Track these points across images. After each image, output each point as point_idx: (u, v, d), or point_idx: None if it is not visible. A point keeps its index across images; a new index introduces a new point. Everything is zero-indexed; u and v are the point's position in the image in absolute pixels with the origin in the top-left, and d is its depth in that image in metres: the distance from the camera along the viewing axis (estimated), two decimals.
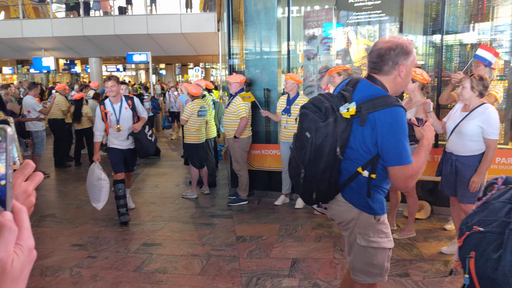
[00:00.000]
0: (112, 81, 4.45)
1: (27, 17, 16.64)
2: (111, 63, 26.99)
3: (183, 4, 16.02)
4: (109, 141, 4.68)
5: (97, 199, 4.52)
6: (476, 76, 3.26)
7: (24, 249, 0.55)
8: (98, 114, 4.59)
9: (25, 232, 0.56)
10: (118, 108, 4.57)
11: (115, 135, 4.59)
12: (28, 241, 0.56)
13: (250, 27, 5.62)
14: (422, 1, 4.90)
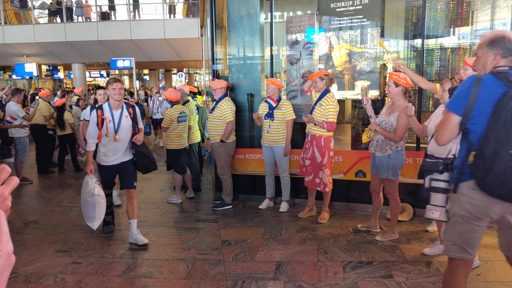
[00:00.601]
0: (120, 83, 3.97)
1: (9, 23, 16.39)
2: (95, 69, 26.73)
3: (166, 10, 16.01)
4: (99, 156, 4.13)
5: (91, 217, 4.02)
6: (456, 79, 3.33)
7: (3, 254, 0.55)
8: (93, 119, 4.06)
9: (3, 237, 0.56)
10: (118, 115, 4.03)
11: (108, 145, 4.04)
12: (6, 245, 0.56)
13: (233, 32, 5.65)
14: (403, 5, 5.01)
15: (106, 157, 4.10)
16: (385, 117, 3.95)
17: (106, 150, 4.07)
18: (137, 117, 4.14)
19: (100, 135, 4.03)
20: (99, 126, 4.01)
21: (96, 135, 4.05)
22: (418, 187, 4.65)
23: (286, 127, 4.93)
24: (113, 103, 4.02)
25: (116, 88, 3.94)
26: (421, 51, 4.72)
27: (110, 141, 4.02)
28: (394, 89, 3.85)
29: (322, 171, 4.57)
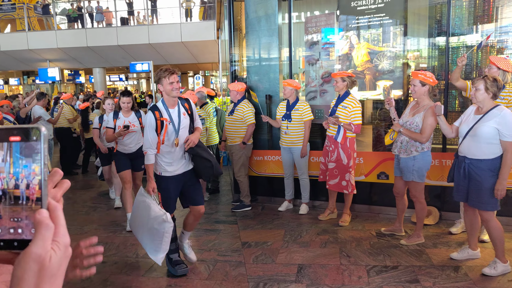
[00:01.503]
0: (176, 75, 3.22)
1: (32, 30, 16.83)
2: (114, 73, 27.19)
3: (183, 14, 16.15)
4: (159, 165, 3.37)
5: (157, 249, 3.13)
6: (490, 77, 3.20)
7: (61, 246, 0.56)
8: (151, 123, 3.24)
9: (61, 229, 0.57)
10: (176, 114, 3.32)
11: (169, 154, 3.32)
12: (64, 237, 0.57)
13: (251, 34, 5.63)
14: (426, 3, 4.89)
15: (170, 166, 3.35)
16: (409, 117, 3.84)
17: (171, 159, 3.34)
18: (194, 112, 3.45)
19: (159, 141, 3.28)
20: (159, 130, 3.25)
21: (155, 143, 3.27)
22: (445, 190, 4.52)
23: (304, 128, 4.87)
24: (169, 100, 3.28)
25: (174, 82, 3.19)
26: (445, 49, 4.59)
27: (171, 147, 3.31)
28: (421, 88, 3.74)
29: (349, 173, 4.48)
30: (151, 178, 3.30)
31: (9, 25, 18.48)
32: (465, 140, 3.32)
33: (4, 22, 18.00)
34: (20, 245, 0.55)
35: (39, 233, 0.54)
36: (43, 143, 0.56)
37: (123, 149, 4.59)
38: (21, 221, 0.56)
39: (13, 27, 18.29)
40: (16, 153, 0.56)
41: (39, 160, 0.56)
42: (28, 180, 0.56)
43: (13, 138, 0.56)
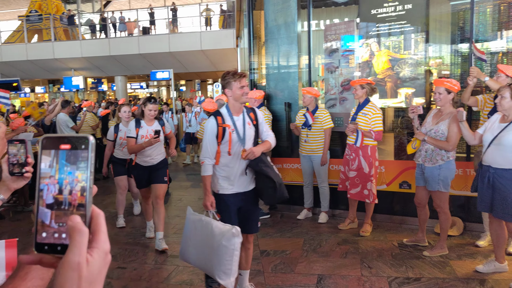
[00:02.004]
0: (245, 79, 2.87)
1: (58, 40, 17.35)
2: (135, 80, 27.71)
3: (203, 22, 16.39)
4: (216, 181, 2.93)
5: (227, 271, 2.62)
6: None
7: (101, 252, 0.56)
8: (211, 129, 2.85)
9: (102, 236, 0.58)
10: (241, 122, 2.91)
11: (229, 165, 2.88)
12: (104, 244, 0.57)
13: (270, 42, 5.65)
14: (448, 9, 4.82)
15: (228, 181, 2.91)
16: (433, 125, 3.76)
17: (229, 173, 2.90)
18: (262, 123, 3.02)
19: (219, 151, 2.87)
20: (220, 138, 2.83)
21: (214, 152, 2.87)
22: (469, 200, 4.39)
23: (324, 136, 4.83)
24: (235, 106, 2.88)
25: (245, 86, 2.83)
26: (469, 56, 4.49)
27: (233, 160, 2.86)
28: (446, 96, 3.67)
29: (370, 182, 4.41)
30: (208, 192, 2.88)
31: (36, 35, 19.10)
32: (490, 149, 3.23)
33: (31, 33, 18.61)
34: (63, 249, 0.56)
35: (74, 239, 0.55)
36: (90, 152, 0.58)
37: (144, 161, 4.18)
38: (64, 226, 0.57)
39: (40, 37, 18.90)
40: (62, 160, 0.58)
41: (83, 167, 0.58)
42: (71, 186, 0.58)
43: (64, 146, 0.58)
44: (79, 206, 0.58)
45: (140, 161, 4.22)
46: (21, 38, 17.95)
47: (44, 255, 0.58)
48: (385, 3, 4.83)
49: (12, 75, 16.65)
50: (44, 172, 0.58)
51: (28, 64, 17.30)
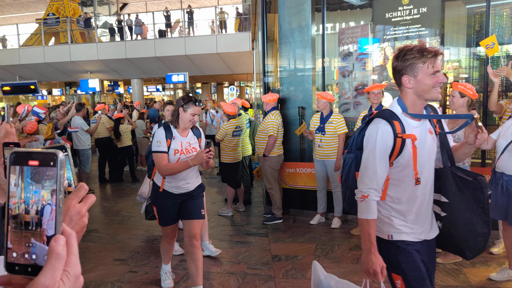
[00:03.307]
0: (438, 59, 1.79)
1: (75, 42, 17.68)
2: (151, 83, 28.04)
3: (218, 25, 16.50)
4: (388, 221, 1.85)
5: None
6: None
7: (71, 276, 0.55)
8: (383, 143, 1.76)
9: (73, 258, 0.56)
10: (424, 130, 1.83)
11: (407, 200, 1.82)
12: (75, 267, 0.56)
13: (284, 45, 5.66)
14: (464, 12, 4.76)
15: (407, 221, 1.84)
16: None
17: (410, 207, 1.82)
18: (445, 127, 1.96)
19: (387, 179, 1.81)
20: (393, 158, 1.78)
21: (384, 179, 1.79)
22: None
23: (338, 141, 4.80)
24: (417, 103, 1.82)
25: (439, 72, 1.78)
26: (485, 59, 4.42)
27: (413, 188, 1.80)
28: (459, 100, 3.61)
29: None
30: (373, 247, 1.77)
31: (53, 38, 19.50)
32: (503, 156, 3.17)
33: (48, 35, 19.00)
34: (34, 271, 0.55)
35: (50, 263, 0.53)
36: (59, 170, 0.55)
37: (175, 187, 3.04)
38: (33, 246, 0.55)
39: (57, 40, 19.29)
40: (27, 178, 0.55)
41: (49, 186, 0.55)
42: (37, 206, 0.55)
43: (32, 162, 0.55)
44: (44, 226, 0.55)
45: (170, 187, 3.00)
46: (39, 41, 18.35)
47: (14, 276, 0.56)
48: (400, 7, 4.80)
49: (30, 77, 17.02)
50: (12, 190, 0.56)
51: (45, 67, 17.67)
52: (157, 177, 3.12)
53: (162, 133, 2.99)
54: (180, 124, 3.02)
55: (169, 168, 2.93)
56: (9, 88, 12.05)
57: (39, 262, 0.55)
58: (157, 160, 2.94)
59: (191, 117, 2.98)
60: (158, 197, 3.08)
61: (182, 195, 3.06)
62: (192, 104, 2.97)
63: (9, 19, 25.47)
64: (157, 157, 2.93)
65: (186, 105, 2.97)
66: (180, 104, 2.98)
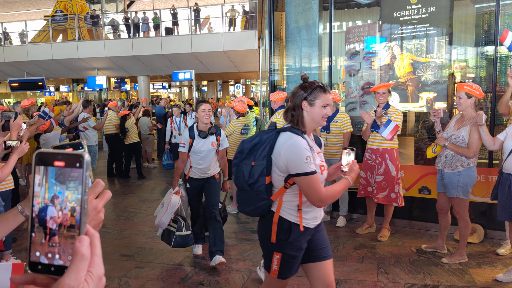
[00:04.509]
0: None
1: (82, 39, 17.78)
2: (158, 81, 28.13)
3: (225, 23, 16.50)
4: None
5: None
6: None
7: (94, 277, 0.55)
8: None
9: (96, 259, 0.56)
10: None
11: None
12: (98, 268, 0.56)
13: (291, 43, 5.66)
14: (473, 11, 4.73)
15: None
16: (455, 131, 3.70)
17: None
18: None
19: None
20: None
21: None
22: (491, 207, 4.30)
23: (343, 140, 4.80)
24: None
25: None
26: (493, 59, 4.40)
27: None
28: (466, 100, 3.60)
29: (398, 185, 4.35)
30: None
31: (61, 35, 19.61)
32: (510, 157, 3.16)
33: (56, 32, 19.11)
34: (57, 270, 0.55)
35: (74, 264, 0.53)
36: (85, 171, 0.55)
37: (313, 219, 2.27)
38: (57, 246, 0.56)
39: (64, 37, 19.39)
40: (51, 179, 0.56)
41: (74, 187, 0.55)
42: (61, 206, 0.56)
43: (57, 163, 0.55)
44: (70, 227, 0.56)
45: (308, 221, 2.12)
46: (47, 37, 18.46)
47: (38, 275, 0.57)
48: (408, 6, 4.78)
49: (37, 74, 17.15)
50: (36, 190, 0.56)
51: (53, 64, 17.79)
52: (291, 211, 2.06)
53: (302, 144, 1.98)
54: (308, 125, 2.08)
55: (333, 194, 2.02)
56: (17, 84, 12.17)
57: (63, 262, 0.56)
58: (310, 185, 1.95)
59: (323, 111, 2.04)
60: (295, 240, 2.07)
61: (315, 228, 2.18)
62: (321, 92, 2.03)
63: (18, 15, 25.66)
64: (310, 181, 1.95)
65: (311, 95, 2.03)
66: (302, 97, 2.04)
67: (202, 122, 3.79)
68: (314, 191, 1.95)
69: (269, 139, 2.05)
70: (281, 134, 2.04)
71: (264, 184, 2.03)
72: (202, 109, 3.74)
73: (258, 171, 2.03)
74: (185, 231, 3.79)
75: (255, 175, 2.04)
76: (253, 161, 2.06)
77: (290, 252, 2.08)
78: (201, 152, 3.83)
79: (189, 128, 3.89)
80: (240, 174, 2.10)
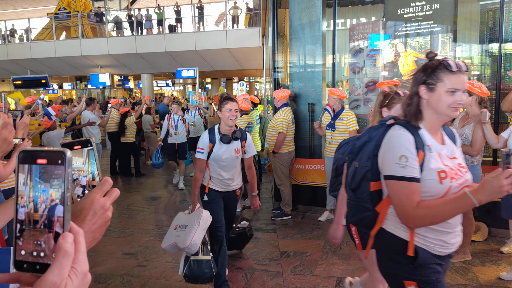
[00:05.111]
0: None
1: (86, 37, 17.80)
2: (161, 78, 28.16)
3: (229, 20, 16.46)
4: None
5: None
6: None
7: (79, 273, 0.55)
8: None
9: (81, 256, 0.56)
10: None
11: None
12: (82, 265, 0.56)
13: (295, 41, 5.64)
14: (477, 8, 4.69)
15: None
16: (459, 129, 3.68)
17: None
18: None
19: None
20: None
21: None
22: (495, 205, 4.27)
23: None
24: None
25: None
26: (498, 56, 4.37)
27: None
28: (467, 98, 3.58)
29: None
30: None
31: (64, 33, 19.64)
32: None
33: (59, 30, 19.12)
34: (42, 268, 0.55)
35: (57, 260, 0.54)
36: (66, 168, 0.55)
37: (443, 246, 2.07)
38: (41, 245, 0.56)
39: (67, 34, 19.42)
40: (35, 177, 0.56)
41: (57, 185, 0.55)
42: (45, 204, 0.56)
43: (40, 161, 0.55)
44: (53, 224, 0.56)
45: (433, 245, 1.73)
46: (50, 35, 18.50)
47: (23, 274, 0.57)
48: (412, 3, 4.75)
49: (41, 71, 17.20)
50: (20, 189, 0.56)
51: (56, 61, 17.83)
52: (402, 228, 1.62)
53: (404, 139, 1.56)
54: (428, 118, 1.61)
55: (432, 213, 1.51)
56: (20, 82, 12.21)
57: (48, 260, 0.56)
58: (398, 193, 1.53)
59: (452, 99, 1.54)
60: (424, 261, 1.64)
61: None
62: (446, 72, 1.54)
63: (21, 13, 25.73)
64: (400, 188, 1.52)
65: (433, 77, 1.56)
66: (422, 80, 1.57)
67: (227, 125, 3.12)
68: (401, 203, 1.50)
69: (377, 135, 1.64)
70: (390, 129, 1.61)
71: (368, 191, 1.66)
72: (227, 108, 3.05)
73: (361, 174, 1.71)
74: (203, 255, 3.08)
75: (356, 179, 1.73)
76: (357, 162, 1.76)
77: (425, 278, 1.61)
78: (222, 160, 3.18)
79: (209, 130, 3.22)
80: (347, 176, 1.87)
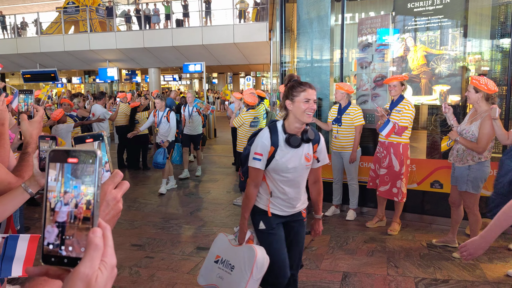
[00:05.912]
0: None
1: (94, 31, 17.87)
2: (168, 73, 28.22)
3: (236, 15, 16.42)
4: None
5: None
6: None
7: (108, 266, 0.57)
8: None
9: (109, 250, 0.59)
10: None
11: None
12: (111, 258, 0.58)
13: (302, 35, 5.61)
14: (489, 3, 4.62)
15: None
16: (467, 125, 3.65)
17: None
18: None
19: None
20: None
21: None
22: None
23: (354, 133, 4.77)
24: None
25: None
26: (509, 51, 4.31)
27: None
28: (474, 95, 3.54)
29: (400, 180, 4.33)
30: None
31: (73, 27, 19.73)
32: None
33: (68, 24, 19.21)
34: (70, 262, 0.57)
35: (88, 253, 0.56)
36: (97, 167, 0.58)
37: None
38: (71, 239, 0.58)
39: (76, 28, 19.51)
40: (67, 174, 0.58)
41: (89, 182, 0.58)
42: (76, 200, 0.58)
43: (71, 160, 0.58)
44: (84, 219, 0.58)
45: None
46: (59, 29, 18.59)
47: (51, 267, 0.59)
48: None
49: (50, 65, 17.32)
50: (51, 185, 0.58)
51: (65, 55, 17.93)
52: None
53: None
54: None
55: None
56: (29, 75, 12.31)
57: (77, 254, 0.58)
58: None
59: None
60: None
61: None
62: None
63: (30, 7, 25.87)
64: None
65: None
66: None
67: (301, 120, 2.16)
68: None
69: None
70: None
71: None
72: (304, 97, 2.11)
73: None
74: None
75: None
76: None
77: None
78: (287, 171, 2.30)
79: (269, 128, 2.29)
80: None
